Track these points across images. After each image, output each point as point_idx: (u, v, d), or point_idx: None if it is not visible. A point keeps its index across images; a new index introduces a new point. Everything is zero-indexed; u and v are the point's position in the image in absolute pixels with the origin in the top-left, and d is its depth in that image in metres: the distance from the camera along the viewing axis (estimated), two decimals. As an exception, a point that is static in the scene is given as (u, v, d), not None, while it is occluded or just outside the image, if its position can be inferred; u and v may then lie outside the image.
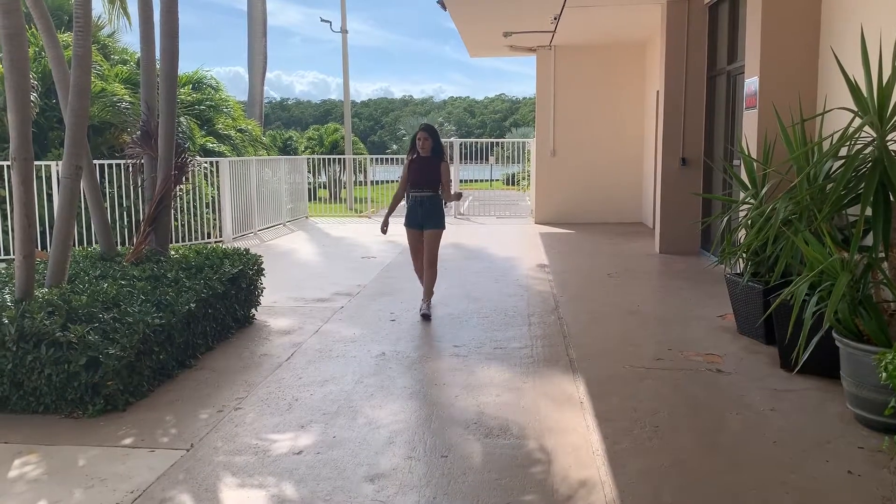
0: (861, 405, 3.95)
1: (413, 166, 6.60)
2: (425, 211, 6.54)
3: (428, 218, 6.55)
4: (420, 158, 6.58)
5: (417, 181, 6.57)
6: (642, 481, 3.40)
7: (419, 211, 6.55)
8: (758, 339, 5.57)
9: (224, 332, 5.81)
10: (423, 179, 6.55)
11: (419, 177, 6.56)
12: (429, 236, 6.56)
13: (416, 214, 6.58)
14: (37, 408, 4.27)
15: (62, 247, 5.17)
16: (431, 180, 6.55)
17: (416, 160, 6.60)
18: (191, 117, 13.73)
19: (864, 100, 4.29)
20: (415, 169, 6.59)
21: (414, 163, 6.60)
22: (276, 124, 63.54)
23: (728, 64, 8.92)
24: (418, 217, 6.57)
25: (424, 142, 6.54)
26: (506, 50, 14.28)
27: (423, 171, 6.57)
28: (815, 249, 4.26)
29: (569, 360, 5.27)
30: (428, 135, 6.58)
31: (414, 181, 6.59)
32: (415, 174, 6.58)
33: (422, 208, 6.54)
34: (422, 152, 6.55)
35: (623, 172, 13.88)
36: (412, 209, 6.61)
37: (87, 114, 5.46)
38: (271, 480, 3.44)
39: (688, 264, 9.09)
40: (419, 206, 6.55)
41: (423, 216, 6.55)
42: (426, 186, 6.55)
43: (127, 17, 14.37)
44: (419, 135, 6.58)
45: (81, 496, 3.31)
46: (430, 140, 6.56)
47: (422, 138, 6.55)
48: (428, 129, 6.66)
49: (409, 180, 6.62)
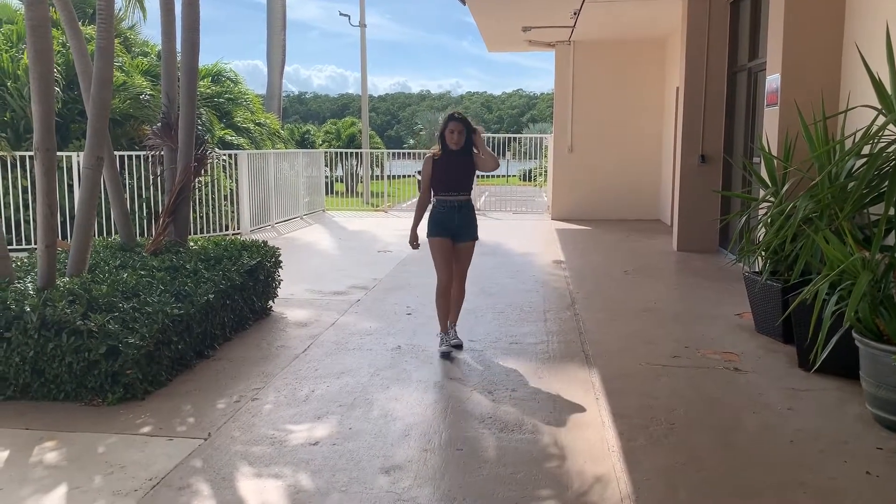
0: (880, 406, 3.91)
1: (441, 165, 5.36)
2: (462, 218, 5.37)
3: (464, 228, 5.39)
4: (450, 154, 5.36)
5: (448, 183, 5.36)
6: (657, 478, 3.39)
7: (455, 218, 5.35)
8: (776, 337, 5.54)
9: (242, 324, 5.85)
10: (456, 180, 5.37)
11: (451, 177, 5.36)
12: (466, 250, 5.46)
13: (448, 222, 5.36)
14: (57, 395, 4.33)
15: (83, 237, 5.23)
16: (466, 181, 5.43)
17: (445, 157, 5.36)
18: (210, 110, 13.81)
19: (889, 98, 4.24)
20: (443, 168, 5.36)
21: (441, 161, 5.37)
22: (294, 118, 63.83)
23: (749, 61, 8.84)
24: (452, 226, 5.37)
25: (458, 135, 5.29)
26: (524, 45, 14.23)
27: (456, 169, 5.36)
28: (835, 248, 4.22)
29: (584, 356, 5.26)
30: (462, 125, 5.31)
31: (444, 183, 5.36)
32: (445, 174, 5.36)
33: (458, 215, 5.36)
34: (454, 147, 5.32)
35: (641, 169, 13.80)
36: (444, 216, 5.37)
37: (108, 105, 5.51)
38: (288, 471, 3.47)
39: (706, 262, 9.03)
40: (454, 212, 5.35)
41: (459, 224, 5.36)
42: (461, 189, 5.40)
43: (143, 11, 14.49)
44: (450, 126, 5.31)
45: (101, 482, 3.35)
46: (464, 132, 5.31)
47: (454, 130, 5.29)
48: (461, 119, 5.37)
49: (438, 182, 5.38)
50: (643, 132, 13.79)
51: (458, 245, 5.43)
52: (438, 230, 5.38)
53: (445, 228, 5.37)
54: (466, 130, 5.34)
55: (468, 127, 5.36)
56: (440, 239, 5.39)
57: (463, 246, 5.45)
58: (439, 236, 5.39)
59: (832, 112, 5.86)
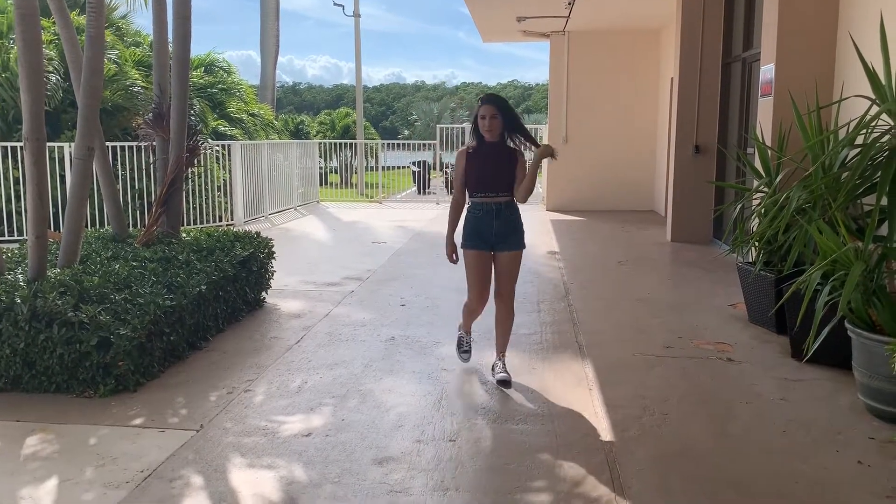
0: (872, 395, 3.92)
1: (476, 160, 4.45)
2: (503, 224, 4.46)
3: (507, 234, 4.47)
4: (486, 148, 4.43)
5: (483, 181, 4.44)
6: (650, 468, 3.40)
7: (493, 224, 4.44)
8: (769, 328, 5.54)
9: (235, 315, 5.83)
10: (493, 177, 4.43)
11: (487, 173, 4.43)
12: (509, 261, 4.50)
13: (486, 229, 4.45)
14: (49, 387, 4.30)
15: (74, 228, 5.20)
16: (506, 178, 4.45)
17: (480, 150, 4.45)
18: (203, 100, 13.74)
19: (883, 87, 4.24)
20: (479, 163, 4.44)
21: (477, 155, 4.45)
22: (288, 108, 63.55)
23: (743, 51, 8.82)
24: (491, 233, 4.45)
25: (491, 120, 4.35)
26: (519, 35, 14.19)
27: (494, 164, 4.42)
28: (828, 238, 4.22)
29: (578, 347, 5.26)
30: (496, 109, 4.37)
31: (478, 181, 4.44)
32: (479, 170, 4.44)
33: (498, 220, 4.45)
34: (488, 136, 4.39)
35: (635, 160, 13.79)
36: (480, 223, 4.46)
37: (99, 94, 5.47)
38: (280, 462, 3.46)
39: (699, 253, 9.04)
40: (493, 217, 4.45)
41: (499, 232, 4.46)
42: (499, 188, 4.44)
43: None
44: (482, 110, 4.37)
45: (92, 474, 3.34)
46: (500, 117, 4.37)
47: (486, 115, 4.34)
48: (495, 101, 4.45)
49: (472, 179, 4.46)
50: (638, 123, 13.78)
51: (498, 256, 4.51)
52: (473, 240, 4.48)
53: (481, 238, 4.46)
54: (503, 117, 4.38)
55: (506, 112, 4.40)
56: (475, 252, 4.48)
57: (504, 257, 4.50)
58: (475, 248, 4.48)
59: (826, 102, 5.85)
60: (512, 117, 4.42)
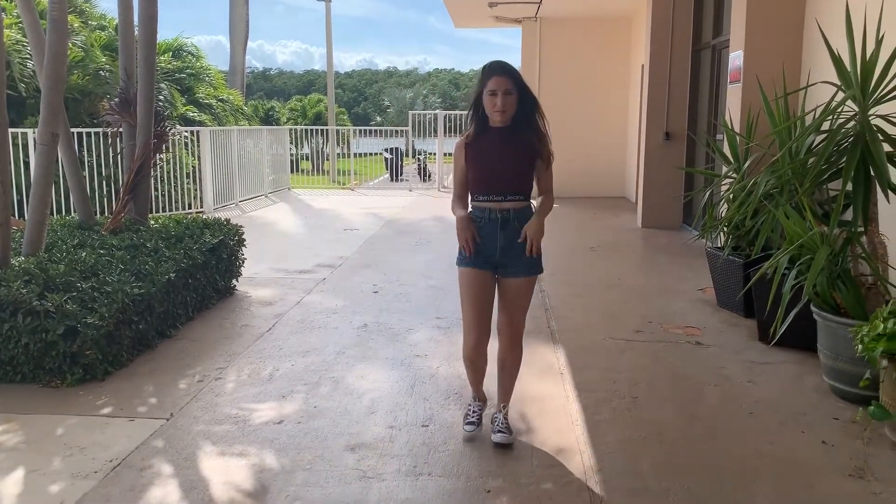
0: (837, 377, 4.00)
1: (478, 153, 3.37)
2: (510, 239, 3.37)
3: (517, 253, 3.39)
4: (491, 136, 3.35)
5: (488, 180, 3.36)
6: (620, 451, 3.44)
7: (498, 237, 3.37)
8: (737, 312, 5.62)
9: (205, 303, 5.77)
10: (501, 175, 3.35)
11: (493, 169, 3.35)
12: (517, 289, 3.44)
13: (488, 243, 3.38)
14: (14, 377, 4.23)
15: (39, 215, 5.10)
16: (520, 174, 3.37)
17: (483, 140, 3.36)
18: (171, 85, 13.52)
19: (848, 73, 4.29)
20: (481, 157, 3.36)
21: (478, 146, 3.37)
22: (259, 94, 62.79)
23: (713, 38, 8.89)
24: (494, 249, 3.38)
25: (505, 97, 3.24)
26: (491, 21, 14.14)
27: (501, 157, 3.34)
28: (795, 223, 4.28)
29: (550, 332, 5.29)
30: (512, 83, 3.26)
31: (481, 181, 3.37)
32: (482, 167, 3.36)
33: (503, 232, 3.37)
34: (498, 120, 3.29)
35: (607, 146, 13.86)
36: (480, 232, 3.39)
37: (63, 80, 5.36)
38: (252, 449, 3.44)
39: (669, 238, 9.13)
40: (497, 228, 3.36)
41: (505, 249, 3.38)
42: (510, 189, 3.35)
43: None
44: (493, 83, 3.24)
45: (60, 465, 3.29)
46: (515, 92, 3.27)
47: (500, 90, 3.23)
48: (510, 71, 3.29)
49: (473, 179, 3.39)
50: (609, 110, 13.83)
51: (503, 282, 3.45)
52: (473, 256, 3.38)
53: (481, 253, 3.38)
54: (519, 89, 3.28)
55: (523, 89, 3.30)
56: (472, 270, 3.39)
57: (512, 284, 3.42)
58: (472, 265, 3.38)
59: (793, 88, 5.91)
60: (532, 99, 3.35)
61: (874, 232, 4.21)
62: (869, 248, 4.21)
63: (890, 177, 3.98)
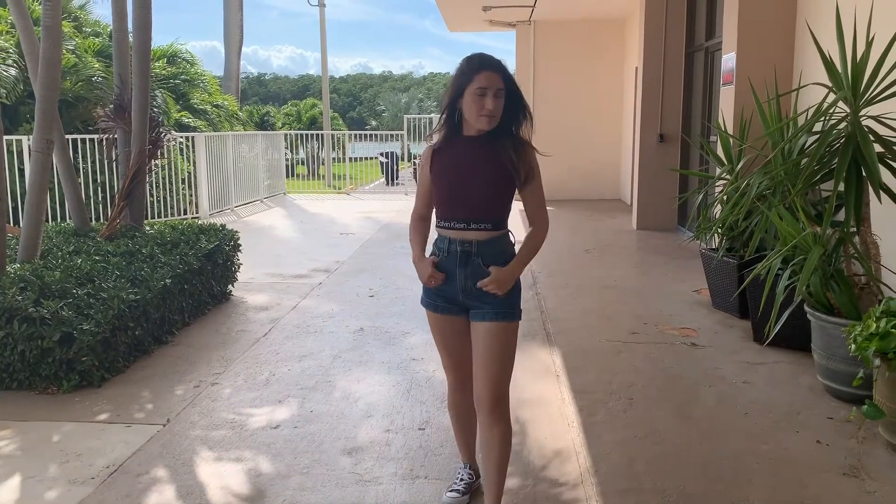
0: (831, 377, 4.02)
1: (446, 165, 2.74)
2: (474, 276, 2.71)
3: (479, 292, 2.72)
4: (463, 144, 2.72)
5: (453, 200, 2.72)
6: (616, 452, 3.45)
7: (458, 274, 2.74)
8: (732, 313, 5.64)
9: (200, 309, 5.77)
10: (469, 195, 2.70)
11: (460, 187, 2.70)
12: (489, 335, 2.72)
13: (450, 281, 2.77)
14: (10, 384, 4.23)
15: (34, 222, 5.10)
16: (493, 196, 2.72)
17: (454, 149, 2.73)
18: (166, 91, 13.52)
19: (839, 75, 4.31)
20: (449, 171, 2.73)
21: (447, 155, 2.74)
22: (253, 99, 62.76)
23: (706, 40, 8.93)
24: (455, 290, 2.77)
25: (494, 101, 2.60)
26: (485, 25, 14.17)
27: (472, 172, 2.70)
28: (788, 224, 4.31)
29: (546, 334, 5.30)
30: (503, 81, 2.61)
31: (446, 200, 2.74)
32: (449, 183, 2.72)
33: (466, 269, 2.73)
34: (481, 125, 2.64)
35: (602, 149, 13.89)
36: (443, 267, 2.78)
37: (57, 86, 5.36)
38: (248, 454, 3.45)
39: (664, 240, 9.15)
40: (456, 262, 2.73)
41: (468, 288, 2.74)
42: (476, 214, 2.70)
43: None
44: (481, 79, 2.57)
45: (56, 471, 3.29)
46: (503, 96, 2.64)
47: (490, 88, 2.58)
48: (500, 67, 2.62)
49: (438, 197, 2.76)
50: (603, 112, 13.86)
51: (474, 326, 2.77)
52: (432, 296, 2.85)
53: (442, 296, 2.81)
54: (509, 97, 2.66)
55: (513, 90, 2.67)
56: (435, 316, 2.88)
57: (481, 330, 2.73)
58: (436, 310, 2.86)
59: (785, 90, 5.95)
60: (523, 104, 2.73)
61: (866, 232, 4.23)
62: (861, 248, 4.24)
63: (881, 177, 4.01)
